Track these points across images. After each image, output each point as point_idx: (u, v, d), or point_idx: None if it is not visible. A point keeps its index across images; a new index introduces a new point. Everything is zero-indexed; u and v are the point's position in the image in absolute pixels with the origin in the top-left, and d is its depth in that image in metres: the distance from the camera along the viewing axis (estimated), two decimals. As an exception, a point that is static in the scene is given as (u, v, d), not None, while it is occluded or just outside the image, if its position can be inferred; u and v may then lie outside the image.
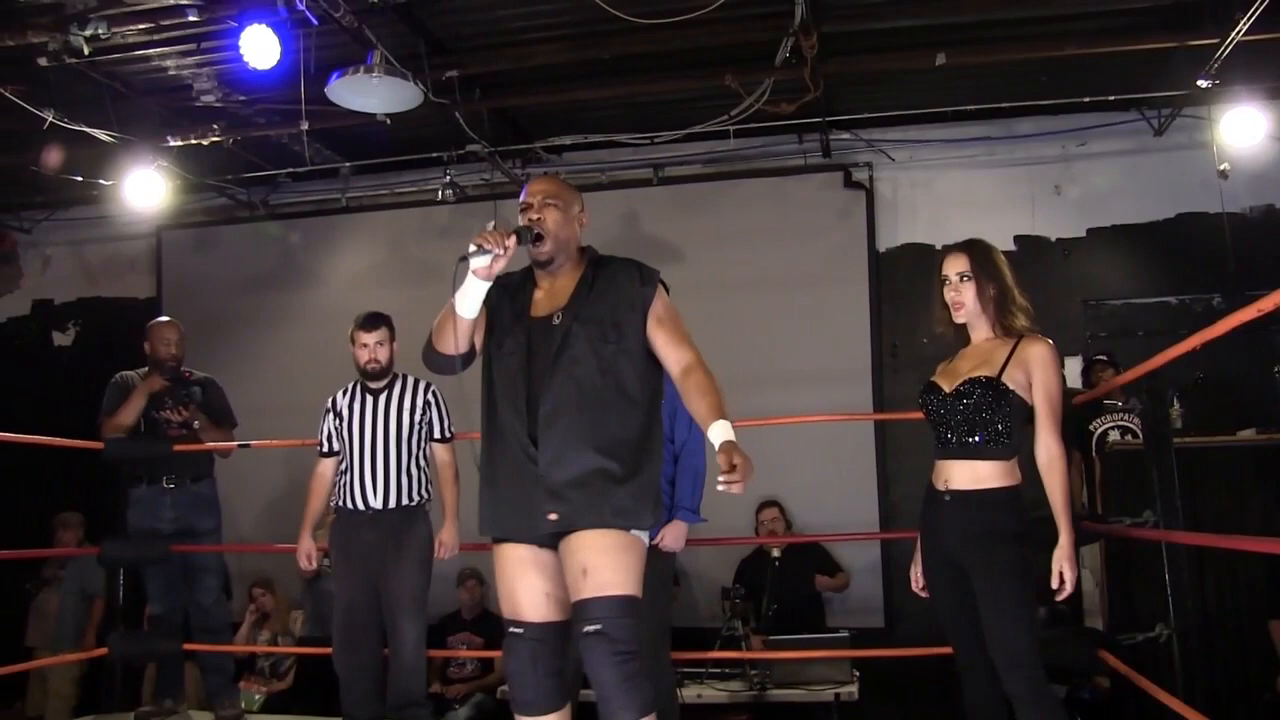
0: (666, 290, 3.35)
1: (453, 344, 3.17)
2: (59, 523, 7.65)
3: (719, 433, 2.97)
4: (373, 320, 4.81)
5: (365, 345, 4.77)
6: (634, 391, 3.15)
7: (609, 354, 3.12)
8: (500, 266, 3.05)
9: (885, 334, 8.08)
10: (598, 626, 2.93)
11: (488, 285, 3.09)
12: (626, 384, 3.14)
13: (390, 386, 4.82)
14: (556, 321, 3.15)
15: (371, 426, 4.74)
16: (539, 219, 3.19)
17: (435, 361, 3.29)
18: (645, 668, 3.03)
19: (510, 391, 3.15)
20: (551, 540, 3.09)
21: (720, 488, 2.89)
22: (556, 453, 3.06)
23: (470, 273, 3.05)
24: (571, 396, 3.08)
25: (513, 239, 3.06)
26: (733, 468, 2.88)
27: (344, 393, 4.87)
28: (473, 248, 3.01)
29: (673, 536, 4.30)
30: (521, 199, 3.26)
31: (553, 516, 3.05)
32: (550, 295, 3.24)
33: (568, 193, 3.30)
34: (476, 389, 3.33)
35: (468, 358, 3.26)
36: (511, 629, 3.14)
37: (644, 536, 3.14)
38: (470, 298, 3.10)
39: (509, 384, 3.16)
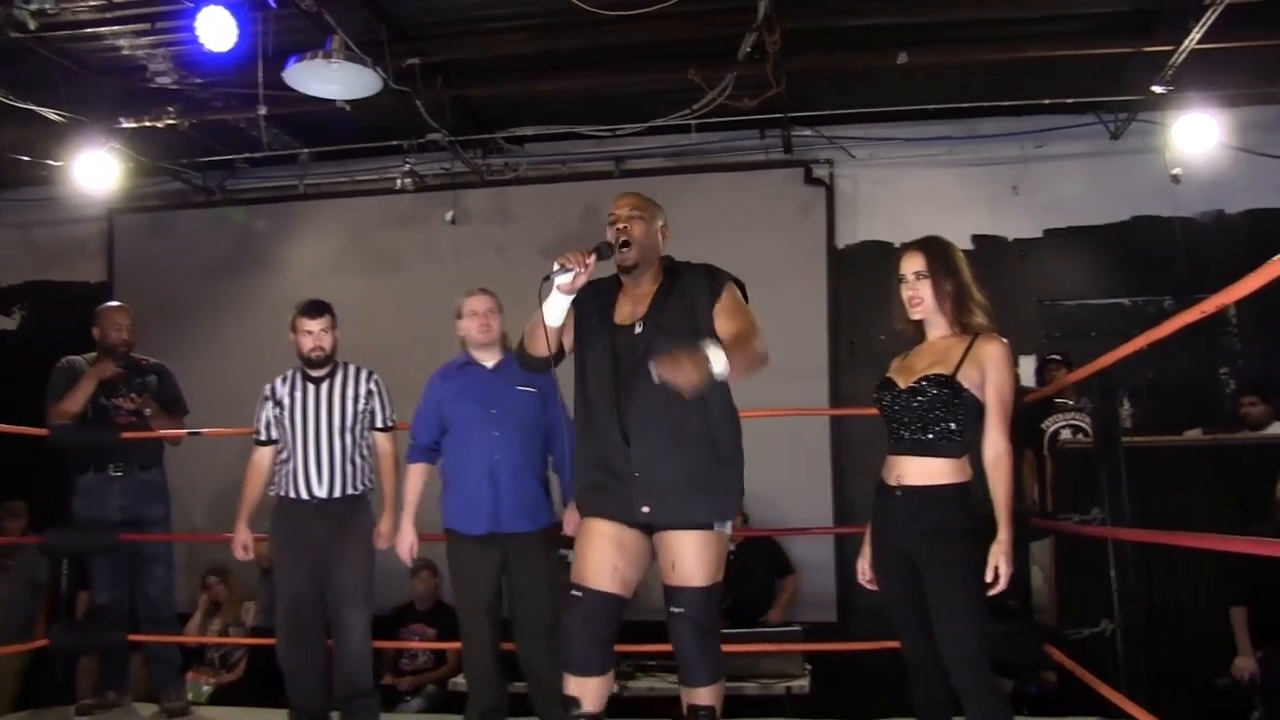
0: (742, 290, 3.68)
1: (544, 347, 3.49)
2: (3, 511, 7.53)
3: (718, 356, 3.10)
4: (317, 307, 4.73)
5: (310, 332, 4.68)
6: (713, 392, 3.35)
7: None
8: (582, 282, 3.38)
9: (843, 330, 8.13)
10: (682, 610, 3.37)
11: (570, 298, 3.42)
12: (708, 390, 3.26)
13: (332, 375, 4.75)
14: (638, 330, 3.47)
15: (315, 415, 4.68)
16: (625, 228, 3.52)
17: (530, 362, 3.63)
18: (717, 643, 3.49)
19: (601, 395, 3.48)
20: (639, 522, 3.43)
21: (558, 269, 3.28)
22: (647, 454, 3.39)
23: (555, 288, 3.38)
24: (657, 403, 3.35)
25: (593, 257, 3.39)
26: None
27: (283, 381, 4.78)
28: (556, 266, 3.35)
29: (572, 524, 4.32)
30: (611, 212, 3.59)
31: (646, 510, 3.39)
32: (632, 302, 3.55)
33: (652, 207, 3.64)
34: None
35: (558, 358, 3.58)
36: (573, 591, 3.45)
37: (727, 529, 3.49)
38: (556, 309, 3.44)
39: (600, 388, 3.49)
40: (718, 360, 3.08)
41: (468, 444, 4.41)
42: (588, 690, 3.40)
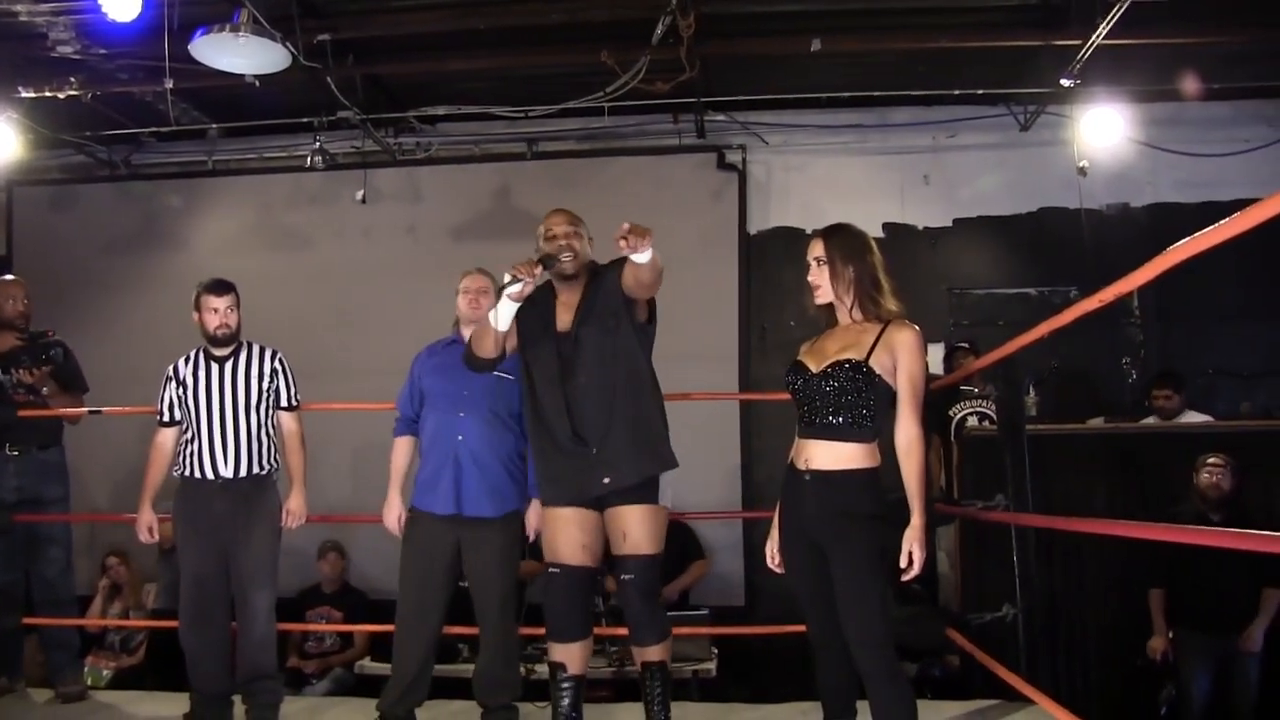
0: None
1: (490, 349, 3.93)
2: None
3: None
4: (221, 285, 4.65)
5: (215, 310, 4.60)
6: (640, 363, 4.00)
7: (611, 343, 3.92)
8: (529, 291, 3.76)
9: (754, 316, 8.18)
10: (632, 576, 3.85)
11: (518, 305, 3.79)
12: (634, 361, 3.97)
13: (236, 354, 4.68)
14: (574, 335, 3.93)
15: (219, 394, 4.60)
16: (567, 244, 3.95)
17: (477, 363, 4.03)
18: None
19: (549, 394, 3.94)
20: (593, 503, 3.89)
21: (624, 247, 3.52)
22: (601, 435, 3.85)
23: (505, 296, 3.73)
24: (600, 395, 3.88)
25: (539, 268, 3.74)
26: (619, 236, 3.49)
27: (186, 361, 4.69)
28: (507, 277, 3.70)
29: (535, 517, 4.38)
30: (547, 230, 4.02)
31: (607, 480, 3.84)
32: (567, 308, 4.00)
33: (581, 223, 4.10)
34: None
35: (502, 357, 4.01)
36: (551, 569, 3.93)
37: (668, 503, 4.06)
38: (504, 316, 3.81)
39: (548, 389, 3.94)
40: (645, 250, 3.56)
41: (436, 421, 4.42)
42: (573, 655, 3.91)
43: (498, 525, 4.36)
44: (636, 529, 3.85)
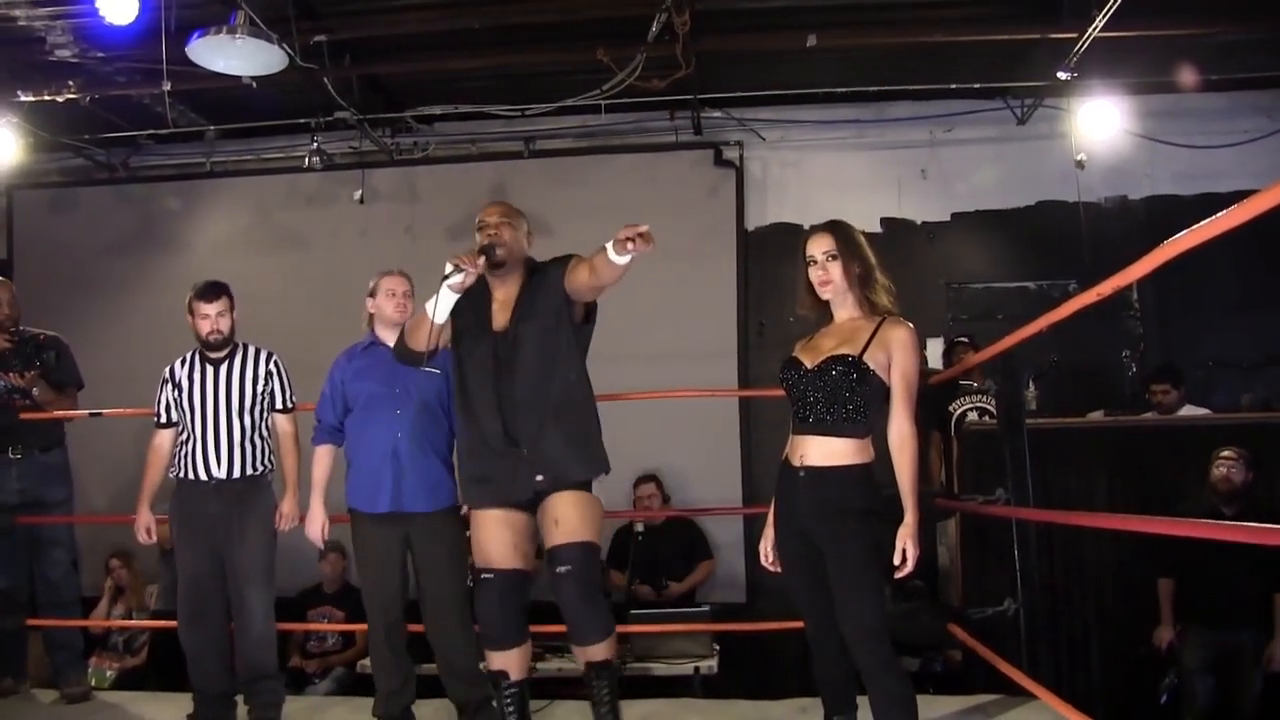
0: None
1: (424, 343, 3.80)
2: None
3: (610, 251, 3.42)
4: (213, 289, 4.65)
5: (207, 316, 4.61)
6: (577, 365, 3.86)
7: (551, 342, 3.79)
8: (470, 282, 3.68)
9: (752, 312, 8.17)
10: (569, 567, 3.64)
11: (458, 296, 3.70)
12: (572, 362, 3.84)
13: (231, 356, 4.69)
14: (510, 334, 3.80)
15: (214, 397, 4.61)
16: (496, 234, 3.84)
17: (409, 357, 3.92)
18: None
19: (481, 392, 3.81)
20: (523, 504, 3.77)
21: (630, 248, 3.33)
22: (533, 433, 3.73)
23: (446, 287, 3.64)
24: (533, 394, 3.75)
25: (482, 259, 3.70)
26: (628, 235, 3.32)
27: (182, 363, 4.71)
28: (449, 268, 3.62)
29: None
30: (479, 220, 3.91)
31: (540, 479, 3.72)
32: (504, 305, 3.88)
33: (517, 214, 3.99)
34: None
35: (435, 352, 3.88)
36: (483, 575, 3.78)
37: (600, 493, 3.86)
38: (443, 307, 3.71)
39: (481, 387, 3.82)
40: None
41: (371, 423, 4.39)
42: (512, 661, 3.79)
43: (441, 519, 4.36)
44: (571, 515, 3.68)
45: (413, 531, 4.34)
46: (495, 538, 3.77)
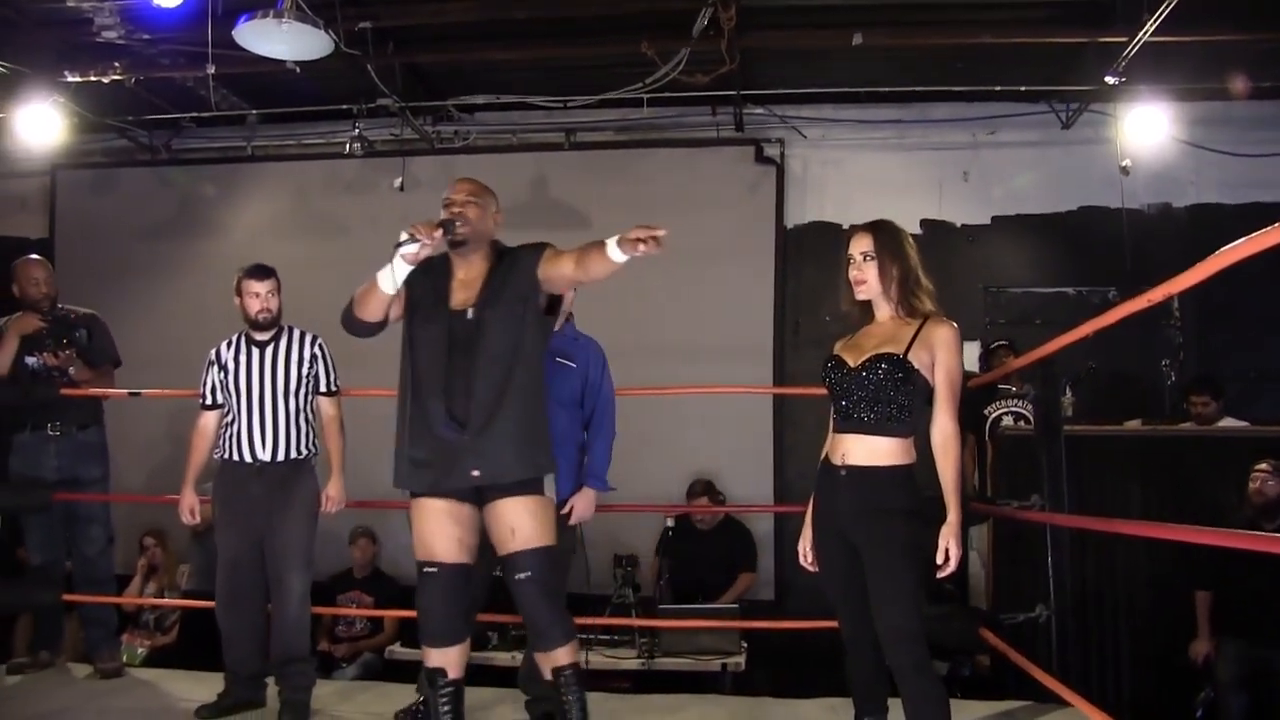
0: None
1: (375, 313, 3.72)
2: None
3: (613, 248, 3.39)
4: (263, 270, 4.69)
5: (257, 294, 4.64)
6: (537, 358, 3.76)
7: (516, 331, 3.68)
8: (425, 254, 3.58)
9: (788, 310, 8.14)
10: (529, 573, 3.59)
11: (410, 268, 3.59)
12: (534, 353, 3.74)
13: (277, 339, 4.71)
14: (471, 316, 3.68)
15: (259, 379, 4.63)
16: (461, 212, 3.74)
17: (356, 327, 3.81)
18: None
19: (430, 373, 3.69)
20: (468, 495, 3.66)
21: (641, 249, 3.29)
22: (478, 423, 3.60)
23: (399, 256, 3.54)
24: (485, 381, 3.63)
25: (439, 231, 3.60)
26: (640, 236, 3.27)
27: (228, 345, 4.73)
28: (404, 236, 3.53)
29: (584, 505, 4.35)
30: (445, 196, 3.82)
31: (476, 473, 3.60)
32: (465, 285, 3.77)
33: (486, 193, 3.87)
34: (365, 344, 3.86)
35: (383, 325, 3.79)
36: (426, 569, 3.67)
37: (552, 494, 3.77)
38: (396, 277, 3.59)
39: (431, 367, 3.70)
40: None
41: None
42: (451, 659, 3.69)
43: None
44: (526, 522, 3.61)
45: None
46: (440, 531, 3.66)
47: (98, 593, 5.40)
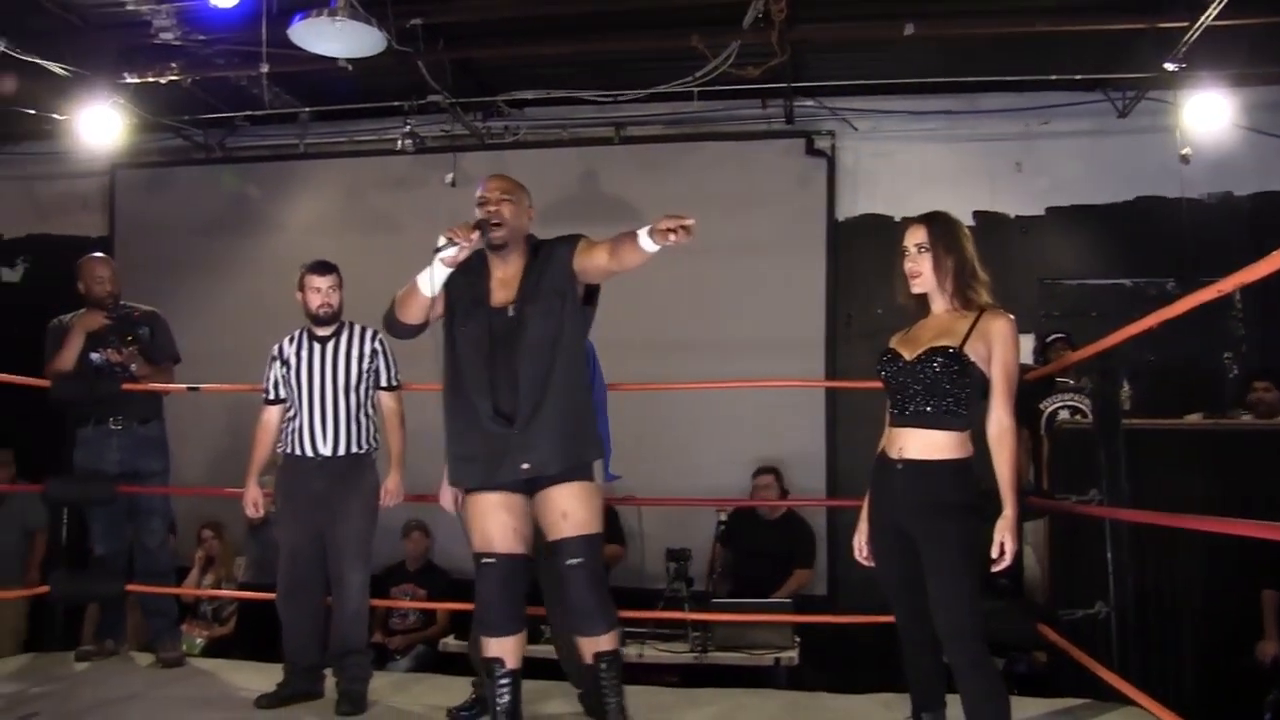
0: None
1: (416, 315, 3.77)
2: (-8, 458, 7.54)
3: (644, 238, 3.37)
4: (324, 265, 4.77)
5: (318, 289, 4.71)
6: (579, 349, 3.79)
7: (555, 324, 3.70)
8: (464, 256, 3.64)
9: (840, 303, 8.10)
10: (580, 560, 3.64)
11: (450, 270, 3.66)
12: (575, 345, 3.76)
13: (338, 334, 4.77)
14: (511, 313, 3.72)
15: (320, 374, 4.69)
16: (497, 210, 3.76)
17: (398, 329, 3.87)
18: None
19: (475, 372, 3.72)
20: (521, 486, 3.69)
21: (671, 239, 3.26)
22: (525, 416, 3.64)
23: (438, 259, 3.60)
24: (530, 375, 3.66)
25: (476, 233, 3.63)
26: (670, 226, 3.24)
27: (290, 340, 4.80)
28: (442, 240, 3.58)
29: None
30: (479, 194, 3.83)
31: (526, 466, 3.64)
32: (503, 283, 3.80)
33: (518, 190, 3.89)
34: (419, 339, 3.89)
35: (424, 326, 3.83)
36: (484, 560, 3.71)
37: (600, 479, 3.86)
38: (436, 280, 3.66)
39: (474, 365, 3.73)
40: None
41: None
42: (508, 649, 3.72)
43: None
44: (577, 508, 3.66)
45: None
46: (495, 522, 3.70)
47: (158, 584, 5.51)
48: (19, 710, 4.51)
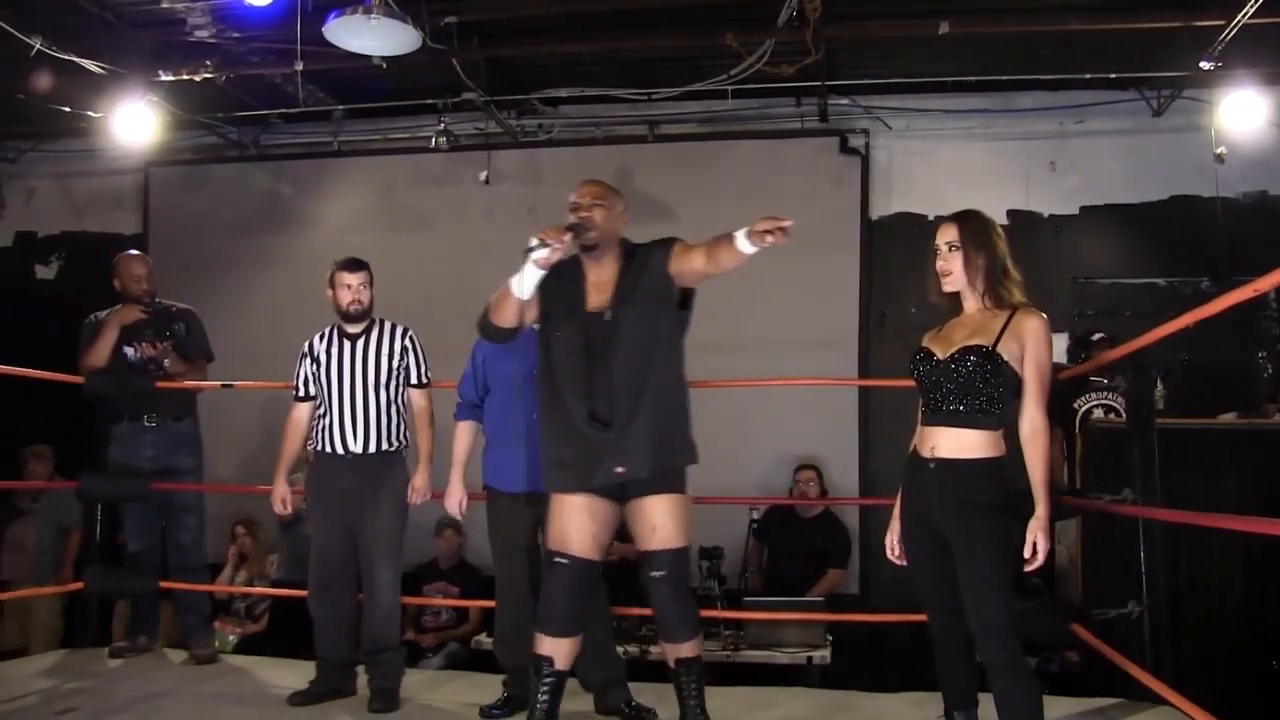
0: None
1: (509, 319, 3.79)
2: (30, 454, 7.62)
3: (742, 240, 3.42)
4: (355, 262, 4.77)
5: (349, 286, 4.71)
6: (675, 354, 3.82)
7: (651, 328, 3.74)
8: (556, 258, 3.64)
9: (874, 302, 8.08)
10: (665, 573, 3.71)
11: (543, 273, 3.65)
12: (671, 350, 3.80)
13: (369, 331, 4.77)
14: (608, 317, 3.74)
15: (350, 371, 4.70)
16: (589, 215, 3.78)
17: (492, 332, 3.91)
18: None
19: (570, 374, 3.76)
20: (612, 491, 3.73)
21: (769, 240, 3.33)
22: (621, 422, 3.67)
23: (530, 262, 3.60)
24: (625, 381, 3.69)
25: (568, 235, 3.67)
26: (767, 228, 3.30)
27: (321, 338, 4.81)
28: (534, 241, 3.58)
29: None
30: (572, 199, 3.85)
31: (620, 470, 3.67)
32: (598, 288, 3.82)
33: (612, 194, 3.90)
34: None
35: (517, 330, 3.88)
36: (557, 559, 3.74)
37: (689, 490, 3.82)
38: (528, 283, 3.66)
39: (570, 369, 3.76)
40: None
41: (508, 403, 4.44)
42: (561, 650, 3.75)
43: None
44: (667, 521, 3.71)
45: (544, 513, 4.36)
46: (577, 525, 3.73)
47: (191, 580, 5.54)
48: (54, 706, 4.54)
